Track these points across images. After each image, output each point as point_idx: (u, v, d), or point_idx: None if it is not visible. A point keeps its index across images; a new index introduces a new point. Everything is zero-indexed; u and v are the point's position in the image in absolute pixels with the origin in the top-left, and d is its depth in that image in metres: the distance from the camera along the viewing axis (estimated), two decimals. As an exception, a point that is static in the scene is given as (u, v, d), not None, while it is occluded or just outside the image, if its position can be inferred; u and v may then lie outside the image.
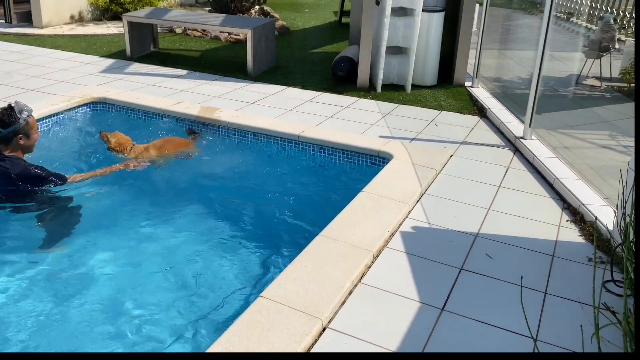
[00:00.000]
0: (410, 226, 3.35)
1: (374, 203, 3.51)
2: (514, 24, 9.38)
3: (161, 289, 2.96)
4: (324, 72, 6.73)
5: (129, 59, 7.04)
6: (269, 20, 7.00)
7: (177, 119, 5.10)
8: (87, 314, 2.76)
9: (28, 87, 5.68)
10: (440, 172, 4.08)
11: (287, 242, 3.41)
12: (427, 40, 6.13)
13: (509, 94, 6.18)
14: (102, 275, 3.06)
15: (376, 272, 2.90)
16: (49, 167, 3.76)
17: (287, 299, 2.62)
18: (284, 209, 3.80)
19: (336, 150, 4.44)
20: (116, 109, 5.33)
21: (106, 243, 3.34)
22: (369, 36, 5.96)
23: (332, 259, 2.94)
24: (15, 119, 3.49)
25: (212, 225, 3.58)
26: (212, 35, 8.48)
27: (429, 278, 2.87)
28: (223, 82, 6.21)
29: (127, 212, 3.74)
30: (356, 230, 3.21)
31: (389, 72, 6.14)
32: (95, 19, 9.46)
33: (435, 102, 5.71)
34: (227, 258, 3.25)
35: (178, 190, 4.08)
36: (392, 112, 5.35)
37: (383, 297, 2.72)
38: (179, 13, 7.58)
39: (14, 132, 3.51)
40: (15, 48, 7.39)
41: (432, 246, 3.15)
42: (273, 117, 5.05)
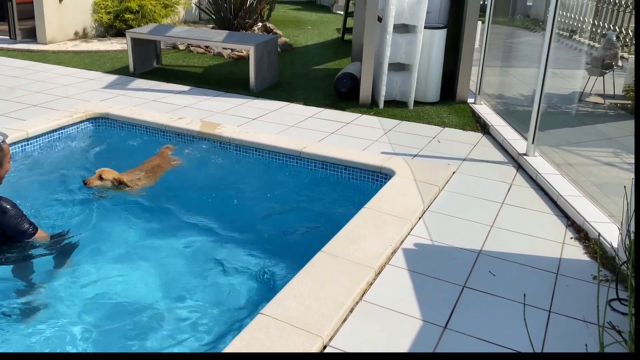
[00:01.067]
0: (413, 243, 3.33)
1: (376, 219, 3.50)
2: (516, 41, 9.43)
3: (159, 305, 2.94)
4: (326, 89, 6.76)
5: (132, 75, 7.09)
6: (271, 37, 7.05)
7: (178, 135, 5.11)
8: (83, 335, 2.74)
9: (31, 103, 5.71)
10: (443, 188, 4.07)
11: (288, 259, 3.39)
12: (429, 57, 6.16)
13: (512, 110, 6.19)
14: (97, 294, 3.04)
15: (378, 290, 2.88)
16: (47, 185, 3.76)
17: (288, 317, 2.60)
18: (285, 225, 3.79)
19: (338, 166, 4.44)
20: (118, 125, 5.35)
21: (103, 261, 3.33)
22: (371, 53, 5.99)
23: (333, 275, 2.92)
24: None
25: (212, 241, 3.56)
26: (215, 51, 8.54)
27: (432, 295, 2.85)
28: (225, 98, 6.24)
29: (126, 228, 3.73)
30: (358, 246, 3.20)
31: (391, 89, 6.16)
32: (99, 35, 9.54)
33: (438, 118, 5.72)
34: (226, 274, 3.23)
35: (177, 206, 4.07)
36: (395, 129, 5.36)
37: (385, 314, 2.69)
38: (182, 29, 7.65)
39: None
40: (19, 64, 7.45)
41: (434, 263, 3.13)
42: (275, 133, 5.06)
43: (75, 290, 3.04)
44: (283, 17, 12.66)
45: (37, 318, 2.82)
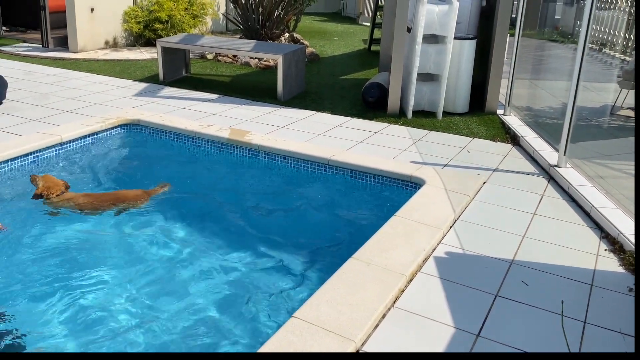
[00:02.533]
0: (444, 251, 3.34)
1: (407, 228, 3.52)
2: (545, 54, 9.40)
3: (193, 308, 2.99)
4: (353, 98, 6.81)
5: (161, 83, 7.23)
6: (299, 47, 7.14)
7: (207, 142, 5.20)
8: (113, 335, 2.80)
9: (64, 109, 5.86)
10: (474, 198, 4.08)
11: (318, 264, 3.43)
12: (458, 68, 6.17)
13: (541, 122, 6.16)
14: (127, 297, 3.11)
15: (410, 297, 2.89)
16: (82, 184, 3.86)
17: (320, 320, 2.63)
18: (315, 231, 3.83)
19: (367, 175, 4.47)
20: (149, 131, 5.47)
21: (140, 266, 3.40)
22: (400, 63, 6.03)
23: (365, 282, 2.95)
24: None
25: (244, 245, 3.62)
26: (243, 61, 8.66)
27: (464, 304, 2.85)
28: (253, 107, 6.33)
29: (161, 232, 3.81)
30: (389, 254, 3.22)
31: (420, 99, 6.19)
32: (129, 44, 9.75)
33: (467, 129, 5.72)
34: (258, 279, 3.28)
35: (209, 212, 4.14)
36: (423, 139, 5.38)
37: (417, 321, 2.71)
38: (211, 39, 7.79)
39: None
40: (52, 71, 7.65)
41: (466, 272, 3.14)
42: (303, 141, 5.11)
43: (113, 297, 3.11)
44: (309, 28, 12.80)
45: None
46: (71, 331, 2.79)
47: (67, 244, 3.56)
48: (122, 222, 3.88)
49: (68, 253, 3.45)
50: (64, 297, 3.02)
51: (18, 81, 6.93)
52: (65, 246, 3.53)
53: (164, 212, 4.04)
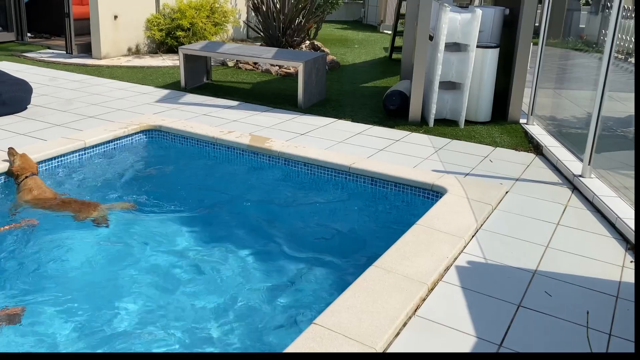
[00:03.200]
0: (466, 261, 3.33)
1: (429, 236, 3.52)
2: (569, 63, 9.33)
3: (213, 313, 3.02)
4: (374, 106, 6.83)
5: (183, 89, 7.33)
6: (320, 54, 7.20)
7: (228, 148, 5.25)
8: (134, 339, 2.84)
9: (87, 114, 5.98)
10: (496, 207, 4.06)
11: (339, 272, 3.44)
12: (481, 76, 6.17)
13: (565, 132, 6.12)
14: (151, 300, 3.15)
15: (431, 305, 2.89)
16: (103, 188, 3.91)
17: (341, 327, 2.64)
18: (335, 239, 3.84)
19: (388, 183, 4.48)
20: (170, 137, 5.54)
21: (161, 270, 3.45)
22: (422, 71, 6.05)
23: (386, 290, 2.95)
24: None
25: (264, 252, 3.65)
26: (263, 68, 8.75)
27: (486, 313, 2.84)
28: (273, 114, 6.38)
29: (177, 237, 3.86)
30: (410, 262, 3.22)
31: (442, 107, 6.19)
32: (151, 51, 9.91)
33: (490, 138, 5.71)
34: (278, 285, 3.30)
35: (228, 218, 4.19)
36: (445, 147, 5.37)
37: (438, 330, 2.71)
38: (232, 46, 7.88)
39: None
40: (76, 77, 7.81)
41: (488, 281, 3.13)
42: (323, 149, 5.14)
43: (125, 294, 3.16)
44: (330, 35, 12.87)
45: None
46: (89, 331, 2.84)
47: (94, 245, 3.62)
48: (140, 226, 3.93)
49: (93, 255, 3.51)
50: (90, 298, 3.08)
51: (42, 87, 7.08)
52: (91, 247, 3.59)
53: (182, 217, 4.09)
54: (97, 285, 3.23)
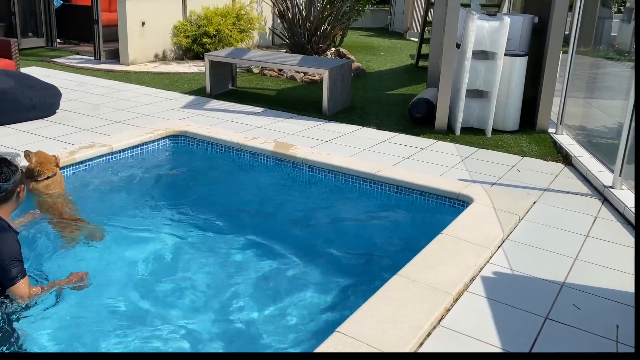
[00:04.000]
0: (492, 271, 3.31)
1: (454, 246, 3.50)
2: (600, 72, 9.20)
3: (236, 317, 3.05)
4: (400, 114, 6.83)
5: (208, 96, 7.42)
6: (345, 61, 7.23)
7: (252, 154, 5.30)
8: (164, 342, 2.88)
9: (114, 119, 6.09)
10: (523, 218, 4.02)
11: (362, 280, 3.45)
12: (508, 85, 6.12)
13: (595, 142, 6.04)
14: (175, 303, 3.19)
15: (456, 316, 2.88)
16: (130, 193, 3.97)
17: (364, 336, 2.64)
18: (360, 247, 3.85)
19: (413, 191, 4.47)
20: (196, 142, 5.62)
21: (185, 274, 3.49)
22: (448, 78, 6.03)
23: (410, 299, 2.95)
24: (14, 168, 3.00)
25: (287, 258, 3.67)
26: (288, 75, 8.81)
27: (512, 325, 2.82)
28: (298, 120, 6.42)
29: (203, 239, 3.91)
30: (435, 271, 3.21)
31: (469, 116, 6.16)
32: (177, 58, 10.06)
33: (517, 147, 5.66)
34: (301, 292, 3.32)
35: (252, 224, 4.23)
36: (472, 156, 5.34)
37: (463, 341, 2.69)
38: (257, 53, 7.96)
39: (15, 184, 2.96)
40: (103, 83, 7.96)
41: (514, 293, 3.10)
42: (348, 156, 5.16)
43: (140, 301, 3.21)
44: (355, 42, 12.91)
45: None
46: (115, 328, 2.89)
47: (118, 246, 3.69)
48: (164, 230, 3.99)
49: (117, 256, 3.58)
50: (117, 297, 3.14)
51: (71, 92, 7.24)
52: (114, 247, 3.66)
53: (205, 222, 4.13)
54: (125, 286, 3.29)
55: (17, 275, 2.78)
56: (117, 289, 3.25)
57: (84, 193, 4.46)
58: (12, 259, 2.76)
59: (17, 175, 2.98)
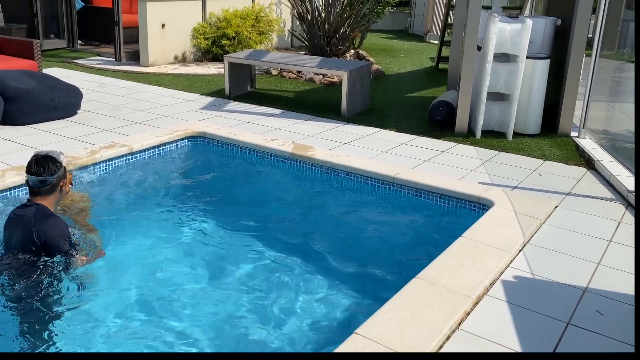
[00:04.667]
0: (512, 275, 3.29)
1: (474, 249, 3.49)
2: (625, 75, 9.09)
3: (255, 317, 3.07)
4: (419, 116, 6.82)
5: (227, 97, 7.48)
6: (365, 64, 7.23)
7: (271, 155, 5.33)
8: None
9: (134, 120, 6.16)
10: (545, 222, 3.99)
11: (381, 283, 3.45)
12: (530, 88, 6.08)
13: (619, 147, 5.96)
14: (199, 304, 3.22)
15: (476, 320, 2.86)
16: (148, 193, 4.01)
17: (383, 338, 2.64)
18: (377, 249, 3.85)
19: (433, 194, 4.46)
20: (214, 144, 5.66)
21: (206, 276, 3.52)
22: (469, 81, 6.01)
23: (429, 302, 2.94)
24: (59, 164, 3.31)
25: (305, 260, 3.68)
26: (307, 77, 8.84)
27: (533, 330, 2.80)
28: (316, 122, 6.44)
29: (221, 240, 3.93)
30: (455, 275, 3.20)
31: (489, 119, 6.13)
32: (197, 60, 10.15)
33: (539, 151, 5.62)
34: (319, 293, 3.33)
35: (270, 224, 4.25)
36: (492, 159, 5.31)
37: (483, 345, 2.68)
38: (276, 55, 8.01)
39: (59, 178, 3.31)
40: (124, 84, 8.07)
41: (536, 297, 3.07)
42: (367, 158, 5.16)
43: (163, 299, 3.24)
44: (375, 45, 12.91)
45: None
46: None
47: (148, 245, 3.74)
48: (183, 231, 4.03)
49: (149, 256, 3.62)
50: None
51: (92, 92, 7.34)
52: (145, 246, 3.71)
53: (222, 223, 4.16)
54: (144, 286, 3.33)
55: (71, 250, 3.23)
56: (135, 288, 3.29)
57: (103, 192, 4.52)
58: (65, 238, 3.22)
59: (61, 171, 3.33)
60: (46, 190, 3.28)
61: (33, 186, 3.26)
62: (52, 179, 3.27)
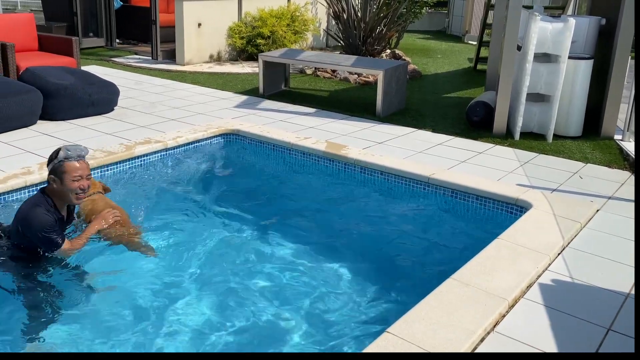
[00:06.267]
0: (550, 279, 3.22)
1: (511, 251, 3.43)
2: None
3: (288, 315, 3.08)
4: (456, 117, 6.75)
5: (261, 96, 7.54)
6: (401, 63, 7.20)
7: (304, 154, 5.35)
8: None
9: (170, 117, 6.27)
10: (585, 226, 3.90)
11: (414, 283, 3.43)
12: (572, 89, 5.96)
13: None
14: (232, 302, 3.25)
15: (511, 322, 2.82)
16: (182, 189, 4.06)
17: (415, 338, 2.62)
18: (411, 249, 3.83)
19: (469, 195, 4.41)
20: (248, 141, 5.72)
21: (230, 268, 3.56)
22: (508, 81, 5.92)
23: (463, 303, 2.91)
24: (52, 158, 3.32)
25: (337, 258, 3.68)
26: (341, 76, 8.85)
27: (572, 335, 2.74)
28: (351, 122, 6.44)
29: (254, 237, 3.97)
30: (490, 277, 3.15)
31: (529, 120, 6.03)
32: (231, 59, 10.26)
33: (580, 153, 5.50)
34: (351, 291, 3.32)
35: (302, 222, 4.27)
36: (531, 161, 5.22)
37: (519, 348, 2.63)
38: (311, 54, 8.04)
39: (49, 171, 3.32)
40: (160, 82, 8.21)
41: (575, 302, 3.01)
42: (402, 158, 5.13)
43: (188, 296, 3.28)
44: (411, 45, 12.84)
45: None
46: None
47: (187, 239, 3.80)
48: (216, 228, 4.07)
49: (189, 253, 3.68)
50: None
51: (129, 90, 7.49)
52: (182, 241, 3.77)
53: (255, 220, 4.19)
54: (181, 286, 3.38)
55: (56, 241, 3.25)
56: (168, 283, 3.34)
57: (138, 187, 4.61)
58: (44, 229, 3.20)
59: (51, 165, 3.29)
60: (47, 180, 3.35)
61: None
62: (48, 170, 3.31)
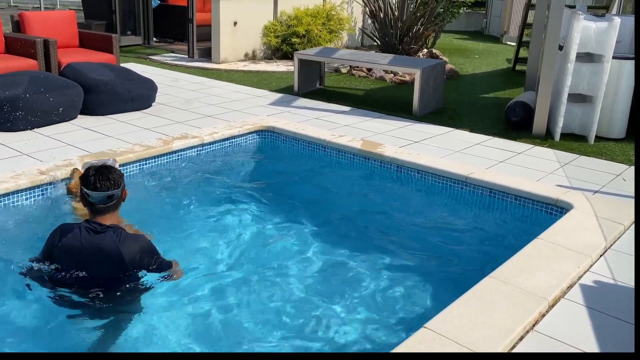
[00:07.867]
0: (592, 280, 3.19)
1: (551, 251, 3.41)
2: None
3: (326, 310, 3.13)
4: (494, 117, 6.70)
5: (295, 94, 7.61)
6: (438, 62, 7.19)
7: (339, 151, 5.38)
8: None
9: (205, 114, 6.38)
10: (629, 228, 3.85)
11: (452, 280, 3.44)
12: (615, 90, 5.86)
13: None
14: (274, 299, 3.29)
15: (551, 322, 2.80)
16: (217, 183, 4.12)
17: (452, 334, 2.63)
18: (449, 247, 3.83)
19: (508, 195, 4.38)
20: (282, 138, 5.78)
21: (264, 264, 3.61)
22: (549, 81, 5.86)
23: (502, 301, 2.90)
24: (120, 171, 3.08)
25: (375, 255, 3.71)
26: (377, 75, 8.86)
27: (614, 336, 2.71)
28: (386, 120, 6.45)
29: (290, 235, 4.02)
30: (530, 276, 3.14)
31: (570, 121, 5.95)
32: (266, 57, 10.37)
33: (623, 155, 5.40)
34: (389, 287, 3.35)
35: (338, 220, 4.31)
36: (572, 163, 5.16)
37: (559, 348, 2.62)
38: (347, 52, 8.08)
39: (122, 188, 3.02)
40: (196, 79, 8.36)
41: (617, 304, 2.97)
42: (439, 157, 5.12)
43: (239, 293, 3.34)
44: (449, 45, 12.77)
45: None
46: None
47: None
48: (251, 224, 4.14)
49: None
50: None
51: (166, 87, 7.64)
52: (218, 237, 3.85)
53: (290, 217, 4.24)
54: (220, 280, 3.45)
55: (163, 264, 3.02)
56: (203, 279, 3.39)
57: (175, 181, 4.71)
58: (156, 253, 3.00)
59: (124, 180, 3.05)
60: (114, 206, 2.96)
61: (98, 203, 2.90)
62: (119, 192, 2.96)
